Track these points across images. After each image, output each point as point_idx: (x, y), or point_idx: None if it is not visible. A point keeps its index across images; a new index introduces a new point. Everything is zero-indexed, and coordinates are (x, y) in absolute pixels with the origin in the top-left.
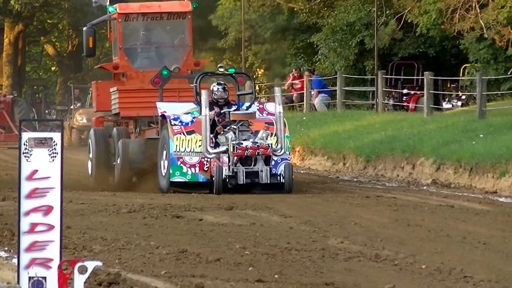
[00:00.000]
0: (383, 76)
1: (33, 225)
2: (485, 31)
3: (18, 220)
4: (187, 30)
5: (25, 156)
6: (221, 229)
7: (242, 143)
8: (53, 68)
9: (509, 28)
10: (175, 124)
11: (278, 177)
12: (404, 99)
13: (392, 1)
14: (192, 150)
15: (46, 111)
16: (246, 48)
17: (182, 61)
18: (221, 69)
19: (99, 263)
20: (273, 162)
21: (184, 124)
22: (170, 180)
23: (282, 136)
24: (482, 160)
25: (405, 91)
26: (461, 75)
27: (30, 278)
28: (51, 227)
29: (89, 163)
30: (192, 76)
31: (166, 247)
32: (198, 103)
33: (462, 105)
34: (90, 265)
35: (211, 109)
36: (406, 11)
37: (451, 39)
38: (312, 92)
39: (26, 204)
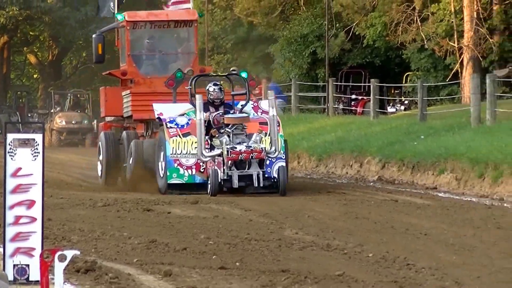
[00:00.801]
0: (334, 83)
1: (17, 218)
2: (425, 42)
3: (3, 213)
4: (193, 37)
5: (10, 155)
6: (187, 221)
7: (236, 147)
8: (35, 76)
9: (447, 40)
10: (171, 127)
11: (272, 180)
12: (352, 104)
13: (342, 15)
14: (188, 152)
15: (29, 115)
16: (209, 58)
17: (188, 67)
18: (234, 71)
19: (77, 252)
20: (267, 162)
21: (179, 126)
22: (168, 182)
23: (276, 138)
24: (423, 159)
25: (353, 96)
26: (404, 82)
27: (14, 265)
28: (33, 219)
29: (99, 165)
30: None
31: (137, 237)
32: (194, 104)
33: (405, 109)
34: (69, 253)
35: (206, 109)
36: (354, 24)
37: (395, 49)
38: None
39: (11, 199)
